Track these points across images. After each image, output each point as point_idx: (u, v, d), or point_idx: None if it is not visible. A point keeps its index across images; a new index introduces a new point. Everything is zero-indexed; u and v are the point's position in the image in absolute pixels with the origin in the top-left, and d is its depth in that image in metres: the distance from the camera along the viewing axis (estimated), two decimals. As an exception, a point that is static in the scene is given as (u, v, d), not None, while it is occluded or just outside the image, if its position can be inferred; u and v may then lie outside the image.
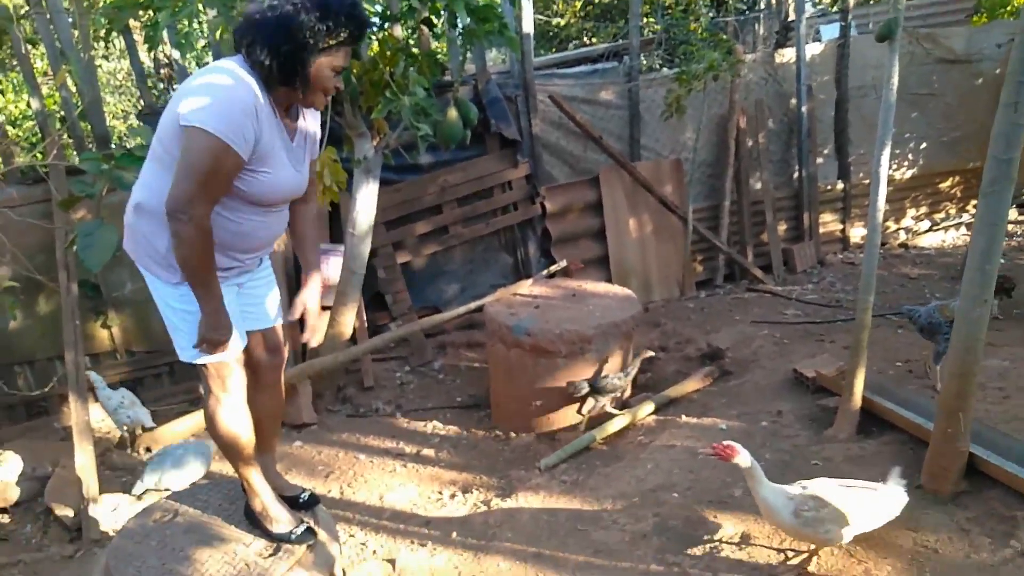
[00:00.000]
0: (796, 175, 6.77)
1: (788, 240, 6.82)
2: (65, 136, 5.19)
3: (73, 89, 5.04)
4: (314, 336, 2.39)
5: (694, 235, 6.28)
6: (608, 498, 3.28)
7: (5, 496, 3.74)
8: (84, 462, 3.65)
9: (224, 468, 3.78)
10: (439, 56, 5.23)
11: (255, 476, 2.39)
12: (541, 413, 4.11)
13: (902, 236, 7.35)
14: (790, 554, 2.76)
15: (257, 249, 2.24)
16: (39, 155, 4.38)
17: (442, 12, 3.95)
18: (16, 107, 8.31)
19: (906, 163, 7.23)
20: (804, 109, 6.51)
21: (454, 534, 3.21)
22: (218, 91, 1.90)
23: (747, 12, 8.29)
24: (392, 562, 3.06)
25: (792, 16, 6.92)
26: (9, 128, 7.07)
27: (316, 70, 1.98)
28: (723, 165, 6.40)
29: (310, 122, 2.25)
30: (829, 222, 7.03)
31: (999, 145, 2.60)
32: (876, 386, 3.63)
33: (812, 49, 6.57)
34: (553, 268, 5.00)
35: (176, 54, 5.02)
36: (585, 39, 10.17)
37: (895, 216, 7.41)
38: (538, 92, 5.77)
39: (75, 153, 4.93)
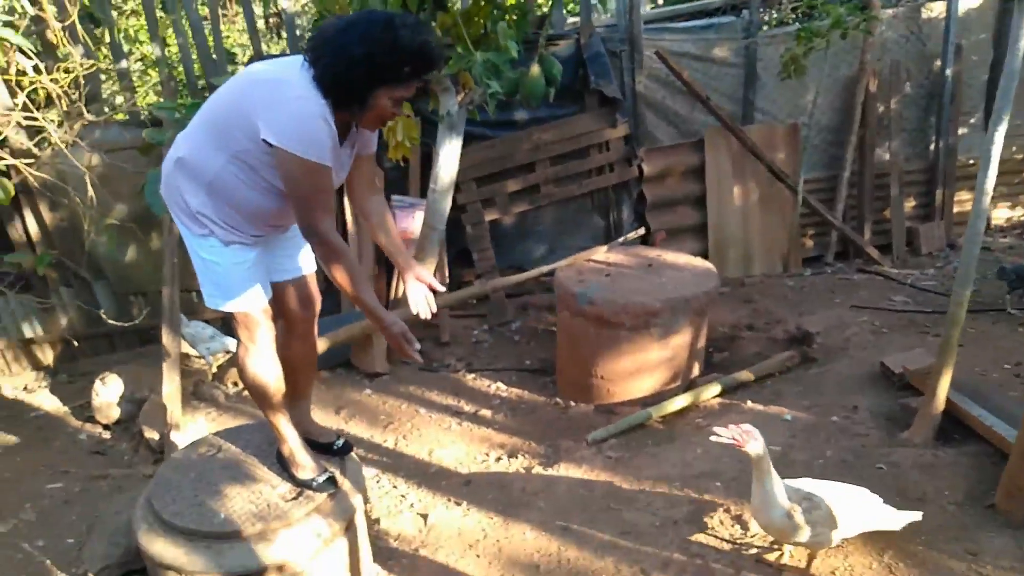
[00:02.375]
0: (932, 146, 6.10)
1: (915, 219, 6.20)
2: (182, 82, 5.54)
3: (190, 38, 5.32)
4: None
5: (806, 208, 5.83)
6: (649, 479, 3.16)
7: (108, 415, 4.14)
8: (171, 391, 3.94)
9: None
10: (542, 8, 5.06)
11: (283, 422, 2.49)
12: (602, 385, 4.01)
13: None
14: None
15: (291, 221, 2.33)
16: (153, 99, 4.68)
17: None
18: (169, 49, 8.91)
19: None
20: (949, 72, 5.81)
21: (490, 496, 3.22)
22: (299, 111, 1.93)
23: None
24: (425, 517, 3.12)
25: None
26: (152, 72, 7.60)
27: (375, 100, 1.98)
28: (846, 132, 5.86)
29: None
30: (967, 200, 6.28)
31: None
32: (969, 388, 3.26)
33: (968, 2, 5.83)
34: (631, 235, 4.80)
35: (284, 3, 5.17)
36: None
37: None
38: (645, 47, 5.49)
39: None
